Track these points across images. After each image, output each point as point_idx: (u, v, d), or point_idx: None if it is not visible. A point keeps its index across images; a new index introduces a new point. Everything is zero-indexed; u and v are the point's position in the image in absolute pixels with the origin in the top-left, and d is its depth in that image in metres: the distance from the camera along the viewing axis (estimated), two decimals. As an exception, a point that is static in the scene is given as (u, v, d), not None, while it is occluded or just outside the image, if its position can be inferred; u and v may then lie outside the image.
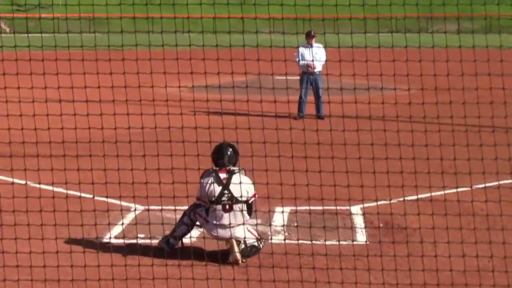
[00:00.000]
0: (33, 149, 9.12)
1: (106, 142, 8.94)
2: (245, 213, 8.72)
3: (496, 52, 9.36)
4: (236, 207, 8.64)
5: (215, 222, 8.66)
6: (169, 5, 8.92)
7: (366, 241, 9.35)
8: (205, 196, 8.70)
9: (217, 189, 8.65)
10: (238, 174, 8.68)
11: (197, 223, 8.92)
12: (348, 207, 10.21)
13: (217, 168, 8.79)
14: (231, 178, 8.67)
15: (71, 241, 8.87)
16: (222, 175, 8.72)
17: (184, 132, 8.72)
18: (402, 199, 9.68)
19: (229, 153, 8.81)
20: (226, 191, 8.65)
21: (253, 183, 8.83)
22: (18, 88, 8.83)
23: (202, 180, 8.75)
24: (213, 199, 8.64)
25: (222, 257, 8.53)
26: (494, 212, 9.29)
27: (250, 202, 8.76)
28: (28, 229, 8.21)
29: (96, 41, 8.52)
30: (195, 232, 9.13)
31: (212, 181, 8.66)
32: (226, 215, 8.63)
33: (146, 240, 9.08)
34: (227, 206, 8.64)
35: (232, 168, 8.76)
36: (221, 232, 8.63)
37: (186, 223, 8.93)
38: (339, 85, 8.88)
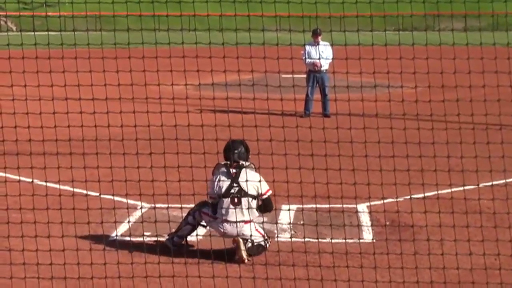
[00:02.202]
0: (39, 147, 9.12)
1: (112, 140, 8.93)
2: (253, 210, 8.72)
3: (503, 50, 9.33)
4: (244, 201, 8.63)
5: (222, 217, 8.65)
6: (175, 2, 8.91)
7: (372, 239, 9.34)
8: (213, 193, 8.72)
9: (226, 182, 8.68)
10: (246, 168, 8.70)
11: (202, 222, 8.92)
12: (354, 205, 10.19)
13: (228, 163, 8.81)
14: (240, 172, 8.70)
15: (77, 239, 8.87)
16: (232, 170, 8.75)
17: (191, 130, 8.71)
18: (408, 197, 9.67)
19: (240, 149, 8.84)
20: (235, 184, 8.67)
21: (260, 180, 8.81)
22: (25, 86, 8.84)
23: (212, 176, 8.79)
24: (222, 192, 8.65)
25: (229, 255, 8.52)
26: (501, 210, 9.26)
27: (265, 198, 8.77)
28: (35, 227, 8.22)
29: (103, 39, 8.49)
30: (202, 230, 9.13)
31: (222, 175, 8.70)
32: (233, 210, 8.63)
33: (153, 238, 9.09)
34: (235, 200, 8.66)
35: (241, 162, 8.79)
36: (228, 229, 8.65)
37: (191, 223, 8.94)
38: (345, 83, 8.87)
